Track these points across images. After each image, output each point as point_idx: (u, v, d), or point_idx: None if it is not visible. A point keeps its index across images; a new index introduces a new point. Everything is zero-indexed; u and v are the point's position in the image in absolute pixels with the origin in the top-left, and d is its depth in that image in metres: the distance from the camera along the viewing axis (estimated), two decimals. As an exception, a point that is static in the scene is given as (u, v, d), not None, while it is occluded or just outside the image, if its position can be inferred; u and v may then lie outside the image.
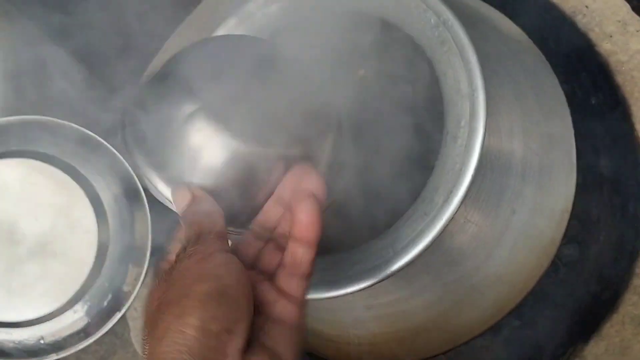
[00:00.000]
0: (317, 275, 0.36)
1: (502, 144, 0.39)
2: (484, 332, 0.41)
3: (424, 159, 0.41)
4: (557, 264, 0.49)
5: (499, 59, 0.42)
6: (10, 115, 0.51)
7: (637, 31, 0.50)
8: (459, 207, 0.34)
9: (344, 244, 0.40)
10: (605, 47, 0.50)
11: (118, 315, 0.50)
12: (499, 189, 0.39)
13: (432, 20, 0.37)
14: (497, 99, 0.39)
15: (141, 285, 0.51)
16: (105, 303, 0.51)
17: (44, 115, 0.51)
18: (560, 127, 0.42)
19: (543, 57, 0.45)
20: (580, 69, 0.50)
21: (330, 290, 0.35)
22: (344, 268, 0.36)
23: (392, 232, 0.35)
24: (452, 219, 0.33)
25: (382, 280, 0.34)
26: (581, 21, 0.51)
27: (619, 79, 0.49)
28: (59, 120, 0.51)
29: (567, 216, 0.41)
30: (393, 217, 0.37)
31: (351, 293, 0.35)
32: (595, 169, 0.51)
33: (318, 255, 0.37)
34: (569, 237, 0.51)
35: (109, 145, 0.51)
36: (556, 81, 0.44)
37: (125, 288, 0.51)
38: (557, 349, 0.43)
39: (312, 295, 0.35)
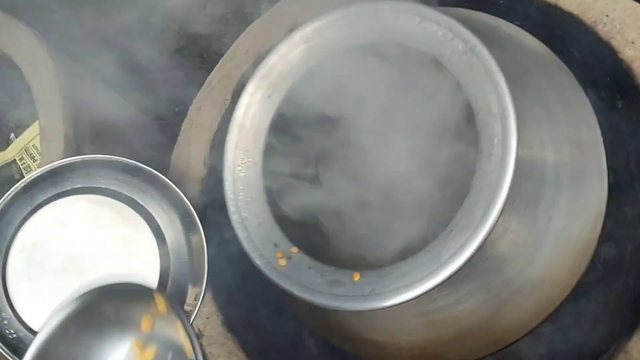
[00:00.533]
0: (369, 287, 0.40)
1: (534, 155, 0.41)
2: (528, 333, 0.44)
3: (462, 176, 0.44)
4: (596, 263, 0.51)
5: (524, 74, 0.44)
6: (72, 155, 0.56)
7: (658, 36, 0.52)
8: (498, 218, 0.36)
9: (389, 258, 0.43)
10: (627, 53, 0.52)
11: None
12: (535, 198, 0.41)
13: (459, 47, 0.40)
14: (526, 114, 0.41)
15: (200, 304, 0.55)
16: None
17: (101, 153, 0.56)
18: (588, 134, 0.45)
19: (566, 68, 0.48)
20: (605, 75, 0.52)
21: (384, 301, 0.38)
22: (394, 280, 0.39)
23: (437, 244, 0.38)
24: (492, 229, 0.36)
25: (432, 289, 0.37)
26: (602, 30, 0.53)
27: (644, 83, 0.51)
28: (116, 157, 0.55)
29: (601, 218, 0.43)
30: (433, 232, 0.40)
31: (403, 302, 0.38)
32: (626, 169, 0.53)
33: (369, 269, 0.41)
34: (605, 236, 0.53)
35: (161, 176, 0.55)
36: (581, 90, 0.47)
37: (186, 308, 0.55)
38: (600, 345, 0.45)
39: (367, 306, 0.39)
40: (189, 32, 0.83)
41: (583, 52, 0.53)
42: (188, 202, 0.55)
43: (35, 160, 0.80)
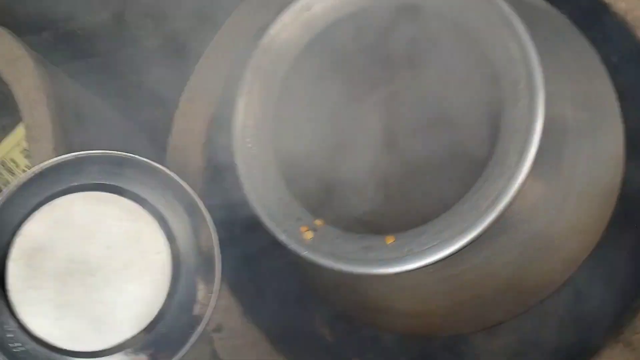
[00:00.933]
0: (406, 248, 0.38)
1: (555, 105, 0.41)
2: (564, 283, 0.43)
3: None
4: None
5: (533, 26, 0.44)
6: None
7: (648, -15, 0.53)
8: (532, 164, 0.36)
9: (418, 222, 0.42)
10: (620, 5, 0.52)
11: (199, 329, 0.51)
12: (559, 145, 0.41)
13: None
14: (546, 69, 0.41)
15: (217, 297, 0.53)
16: (185, 318, 0.52)
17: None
18: (601, 84, 0.45)
19: (568, 20, 0.48)
20: (599, 30, 0.53)
21: (424, 259, 0.37)
22: (432, 237, 0.38)
23: (472, 196, 0.37)
24: (528, 173, 0.36)
25: (475, 239, 0.36)
26: (592, -16, 0.54)
27: (640, 33, 0.51)
28: (110, 152, 0.53)
29: (622, 162, 0.43)
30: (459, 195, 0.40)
31: (445, 258, 0.37)
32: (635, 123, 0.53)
33: (400, 231, 0.40)
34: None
35: (160, 167, 0.53)
36: (587, 43, 0.47)
37: (201, 300, 0.53)
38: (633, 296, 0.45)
39: (408, 266, 0.37)
40: (165, 29, 0.80)
41: (576, 9, 0.53)
42: (192, 193, 0.53)
43: (14, 174, 0.76)
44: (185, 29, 0.81)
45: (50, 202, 0.51)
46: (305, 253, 0.41)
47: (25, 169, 0.75)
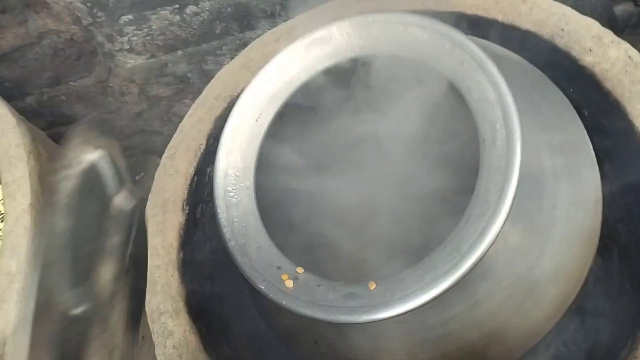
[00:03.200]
0: (388, 293, 0.38)
1: (532, 150, 0.42)
2: (551, 331, 0.42)
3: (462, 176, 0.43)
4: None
5: (508, 75, 0.46)
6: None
7: (612, 42, 0.55)
8: (514, 200, 0.36)
9: (399, 267, 0.41)
10: (587, 60, 0.55)
11: None
12: (538, 187, 0.41)
13: (447, 46, 0.41)
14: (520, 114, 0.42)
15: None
16: None
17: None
18: (574, 129, 0.46)
19: (542, 73, 0.50)
20: (569, 83, 0.55)
21: (407, 303, 0.36)
22: (415, 281, 0.37)
23: (453, 238, 0.37)
24: (509, 213, 0.36)
25: (457, 282, 0.35)
26: (560, 42, 0.56)
27: (608, 84, 0.53)
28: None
29: (600, 206, 0.44)
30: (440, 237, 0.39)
31: (428, 302, 0.36)
32: (606, 175, 0.54)
33: (382, 277, 0.39)
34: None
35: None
36: (559, 91, 0.48)
37: None
38: (626, 335, 0.44)
39: (391, 313, 0.36)
40: (149, 94, 0.81)
41: (546, 64, 0.55)
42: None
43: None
44: (169, 94, 0.82)
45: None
46: (285, 303, 0.39)
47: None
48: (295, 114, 0.46)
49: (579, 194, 0.43)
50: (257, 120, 0.46)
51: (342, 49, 0.46)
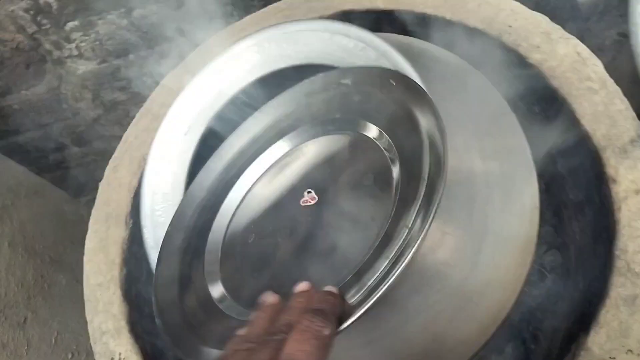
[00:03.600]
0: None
1: (462, 158, 0.40)
2: (486, 344, 0.41)
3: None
4: (543, 272, 0.50)
5: (444, 82, 0.44)
6: None
7: (560, 37, 0.54)
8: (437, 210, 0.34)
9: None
10: (535, 57, 0.53)
11: None
12: (468, 198, 0.40)
13: (372, 56, 0.40)
14: (450, 120, 0.41)
15: None
16: None
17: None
18: (512, 134, 0.44)
19: (483, 76, 0.48)
20: (518, 82, 0.53)
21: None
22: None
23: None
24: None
25: (384, 294, 0.34)
26: (508, 40, 0.55)
27: (555, 82, 0.52)
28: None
29: (537, 213, 0.42)
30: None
31: (355, 320, 0.34)
32: (555, 172, 0.53)
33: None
34: (548, 244, 0.52)
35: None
36: (499, 94, 0.47)
37: None
38: (562, 348, 0.43)
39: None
40: (105, 99, 0.80)
41: (494, 63, 0.54)
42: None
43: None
44: (125, 99, 0.81)
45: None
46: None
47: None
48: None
49: (514, 201, 0.42)
50: (185, 134, 0.45)
51: (272, 58, 0.44)
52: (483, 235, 0.40)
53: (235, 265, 0.40)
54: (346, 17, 0.60)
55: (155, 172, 0.44)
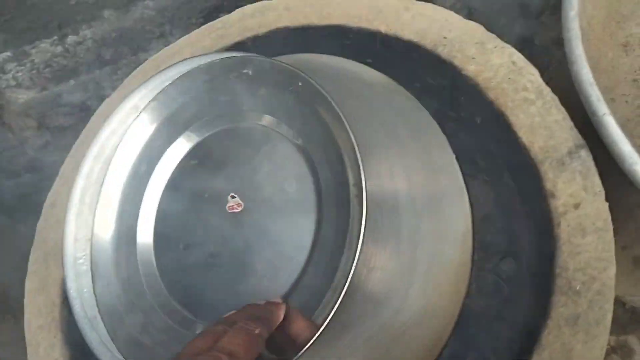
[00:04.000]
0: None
1: (384, 185, 0.39)
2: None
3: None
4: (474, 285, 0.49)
5: (367, 104, 0.43)
6: None
7: (495, 47, 0.52)
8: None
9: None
10: (470, 69, 0.52)
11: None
12: (395, 228, 0.39)
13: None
14: (371, 146, 0.39)
15: None
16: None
17: None
18: (440, 155, 0.43)
19: (410, 95, 0.47)
20: (456, 94, 0.52)
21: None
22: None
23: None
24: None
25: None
26: (443, 51, 0.53)
27: (491, 94, 0.51)
28: None
29: (470, 236, 0.41)
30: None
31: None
32: (497, 183, 0.52)
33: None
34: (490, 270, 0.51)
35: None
36: (427, 114, 0.46)
37: None
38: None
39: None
40: (50, 126, 0.78)
41: (430, 77, 0.52)
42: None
43: None
44: (72, 123, 0.79)
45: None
46: None
47: None
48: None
49: (444, 227, 0.41)
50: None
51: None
52: (413, 266, 0.39)
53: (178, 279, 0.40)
54: (280, 33, 0.59)
55: (76, 214, 0.43)
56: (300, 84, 0.36)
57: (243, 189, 0.40)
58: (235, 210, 0.40)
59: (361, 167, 0.33)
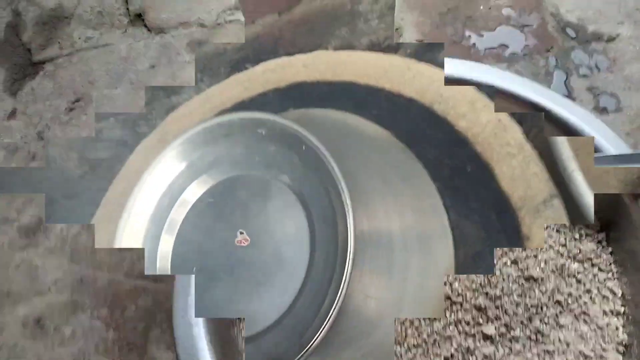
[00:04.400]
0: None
1: (381, 225, 0.47)
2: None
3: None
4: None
5: (366, 157, 0.51)
6: None
7: (484, 106, 0.60)
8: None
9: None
10: (461, 124, 0.59)
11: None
12: (388, 263, 0.46)
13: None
14: (370, 190, 0.47)
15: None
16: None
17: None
18: (428, 200, 0.51)
19: (405, 147, 0.55)
20: (451, 145, 0.59)
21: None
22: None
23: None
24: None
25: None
26: (439, 108, 0.61)
27: (479, 147, 0.58)
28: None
29: (452, 272, 0.48)
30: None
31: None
32: (486, 223, 0.59)
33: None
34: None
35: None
36: (419, 165, 0.53)
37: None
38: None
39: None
40: (89, 158, 0.86)
41: (428, 130, 0.60)
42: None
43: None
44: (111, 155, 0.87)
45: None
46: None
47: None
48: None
49: (430, 264, 0.48)
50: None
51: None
52: (402, 297, 0.46)
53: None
54: (298, 87, 0.67)
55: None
56: (304, 147, 0.45)
57: (249, 226, 0.48)
58: (243, 245, 0.48)
59: (350, 221, 0.42)
